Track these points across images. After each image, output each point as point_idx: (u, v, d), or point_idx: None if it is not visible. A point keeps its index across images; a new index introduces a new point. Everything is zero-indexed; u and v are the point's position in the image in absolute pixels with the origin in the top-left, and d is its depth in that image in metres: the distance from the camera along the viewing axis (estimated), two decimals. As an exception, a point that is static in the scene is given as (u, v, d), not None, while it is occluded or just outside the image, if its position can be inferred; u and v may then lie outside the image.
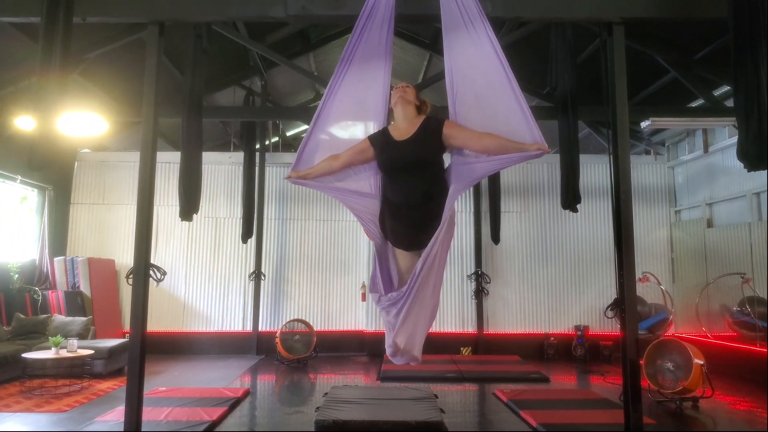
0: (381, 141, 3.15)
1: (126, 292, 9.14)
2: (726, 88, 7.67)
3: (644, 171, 10.19)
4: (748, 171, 3.60)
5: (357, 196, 3.27)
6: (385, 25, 3.29)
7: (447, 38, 3.22)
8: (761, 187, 7.79)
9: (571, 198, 5.81)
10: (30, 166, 3.74)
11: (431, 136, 3.07)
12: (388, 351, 3.24)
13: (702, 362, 5.58)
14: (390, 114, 3.31)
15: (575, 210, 5.94)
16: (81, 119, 6.70)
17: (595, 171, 10.01)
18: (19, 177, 8.27)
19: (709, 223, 9.11)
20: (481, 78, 3.11)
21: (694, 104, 8.30)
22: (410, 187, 3.07)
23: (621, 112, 4.12)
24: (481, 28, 3.12)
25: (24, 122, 6.76)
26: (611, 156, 4.20)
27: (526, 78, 8.51)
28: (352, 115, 3.36)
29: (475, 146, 3.04)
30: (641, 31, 6.87)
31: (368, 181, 3.28)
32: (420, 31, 9.43)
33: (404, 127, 3.15)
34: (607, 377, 7.71)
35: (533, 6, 4.27)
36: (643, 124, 7.33)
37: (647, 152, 10.55)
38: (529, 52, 7.89)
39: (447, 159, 3.22)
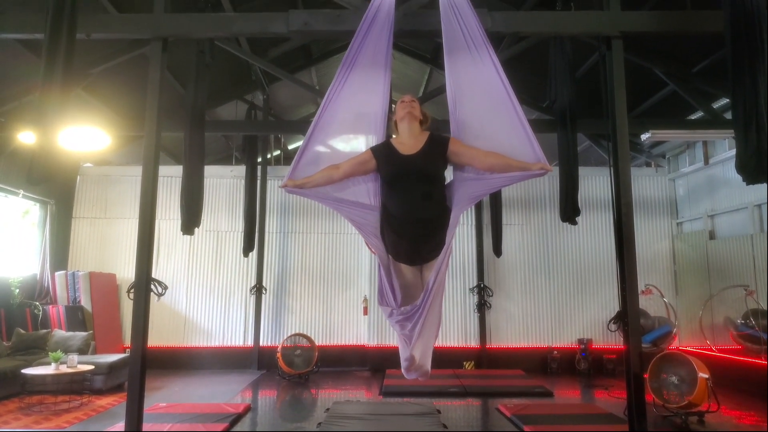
0: (385, 154, 3.14)
1: (127, 306, 9.12)
2: (725, 101, 7.70)
3: (645, 183, 10.20)
4: (747, 184, 3.59)
5: (356, 207, 3.23)
6: (384, 35, 3.30)
7: (448, 55, 3.25)
8: (762, 199, 7.79)
9: (570, 210, 5.81)
10: (29, 180, 3.74)
11: (437, 151, 3.09)
12: (404, 365, 3.23)
13: (707, 376, 5.53)
14: (389, 124, 3.30)
15: (574, 222, 5.94)
16: (84, 134, 6.74)
17: (597, 183, 10.03)
18: (22, 191, 8.31)
19: (711, 235, 9.09)
20: (482, 96, 3.14)
21: (693, 116, 8.33)
22: (412, 201, 3.05)
23: (621, 124, 4.14)
24: (482, 47, 3.15)
25: (27, 137, 6.81)
26: (612, 168, 4.20)
27: (525, 91, 8.57)
28: (350, 125, 3.34)
29: (480, 164, 3.06)
30: (640, 44, 6.92)
31: (367, 194, 3.25)
32: (420, 45, 9.52)
33: (410, 142, 3.14)
34: (611, 391, 7.64)
35: (532, 21, 4.33)
36: (643, 137, 7.35)
37: (648, 164, 10.57)
38: (529, 65, 7.94)
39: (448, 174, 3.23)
